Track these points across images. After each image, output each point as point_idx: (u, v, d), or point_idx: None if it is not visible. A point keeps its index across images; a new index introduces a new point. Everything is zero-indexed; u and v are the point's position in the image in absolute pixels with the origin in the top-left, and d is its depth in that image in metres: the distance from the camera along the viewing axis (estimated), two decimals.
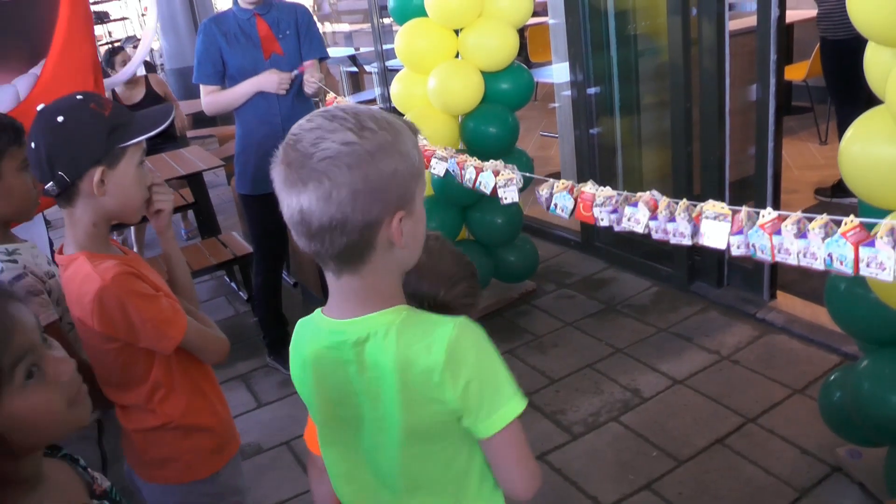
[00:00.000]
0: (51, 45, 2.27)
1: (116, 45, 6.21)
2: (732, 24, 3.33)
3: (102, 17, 10.04)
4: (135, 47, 5.74)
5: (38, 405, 0.89)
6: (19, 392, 0.87)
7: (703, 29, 3.27)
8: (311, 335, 1.14)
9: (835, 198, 4.34)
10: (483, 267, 3.60)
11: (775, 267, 3.42)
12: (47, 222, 5.92)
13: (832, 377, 2.37)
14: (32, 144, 1.48)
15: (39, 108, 1.49)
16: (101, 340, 1.55)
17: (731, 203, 3.75)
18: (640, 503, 2.47)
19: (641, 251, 3.95)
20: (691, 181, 3.59)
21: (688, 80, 3.43)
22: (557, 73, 4.74)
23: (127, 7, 11.29)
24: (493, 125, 3.40)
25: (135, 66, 3.00)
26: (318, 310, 1.14)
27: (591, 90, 4.05)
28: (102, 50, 9.46)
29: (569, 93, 4.22)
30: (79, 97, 1.50)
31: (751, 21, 3.32)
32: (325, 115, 1.00)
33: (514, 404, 1.07)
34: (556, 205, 1.73)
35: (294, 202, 0.98)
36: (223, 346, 1.70)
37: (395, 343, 1.04)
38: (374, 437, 1.13)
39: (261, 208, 3.26)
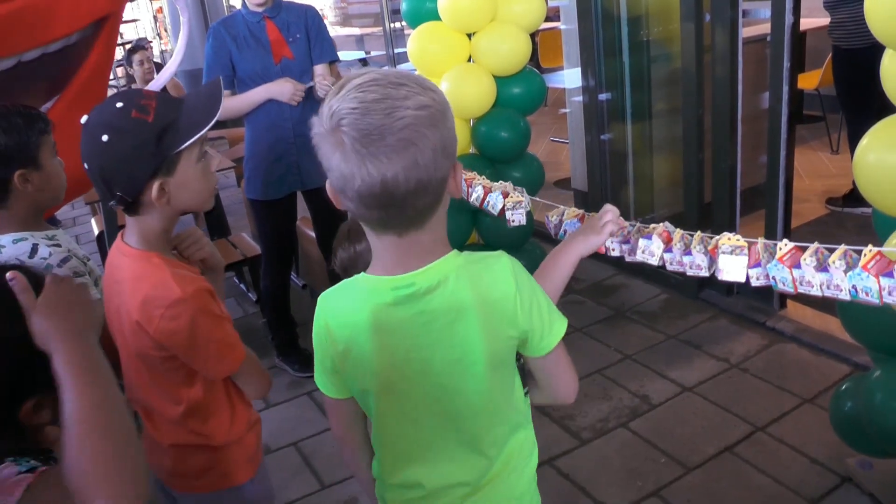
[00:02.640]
0: (68, 85, 2.28)
1: (141, 40, 6.25)
2: (746, 31, 3.32)
3: None
4: (144, 48, 5.77)
5: None
6: None
7: (717, 35, 3.26)
8: (364, 298, 1.12)
9: (846, 207, 4.32)
10: None
11: None
12: (56, 221, 5.98)
13: (843, 387, 2.35)
14: (86, 165, 1.38)
15: (83, 120, 1.39)
16: (150, 347, 1.44)
17: (742, 212, 3.74)
18: None
19: None
20: (702, 189, 3.58)
21: (700, 87, 3.42)
22: (569, 78, 4.73)
23: (138, 8, 11.34)
24: (505, 129, 3.40)
25: (165, 79, 2.98)
26: (361, 274, 1.14)
27: (603, 96, 4.04)
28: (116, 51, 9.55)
29: (580, 98, 4.21)
30: (118, 105, 1.35)
31: (764, 28, 3.32)
32: (384, 83, 0.97)
33: (563, 320, 1.21)
34: (565, 231, 1.74)
35: (375, 173, 0.95)
36: (268, 383, 1.61)
37: (469, 282, 1.10)
38: (448, 383, 1.14)
39: (270, 212, 3.26)
